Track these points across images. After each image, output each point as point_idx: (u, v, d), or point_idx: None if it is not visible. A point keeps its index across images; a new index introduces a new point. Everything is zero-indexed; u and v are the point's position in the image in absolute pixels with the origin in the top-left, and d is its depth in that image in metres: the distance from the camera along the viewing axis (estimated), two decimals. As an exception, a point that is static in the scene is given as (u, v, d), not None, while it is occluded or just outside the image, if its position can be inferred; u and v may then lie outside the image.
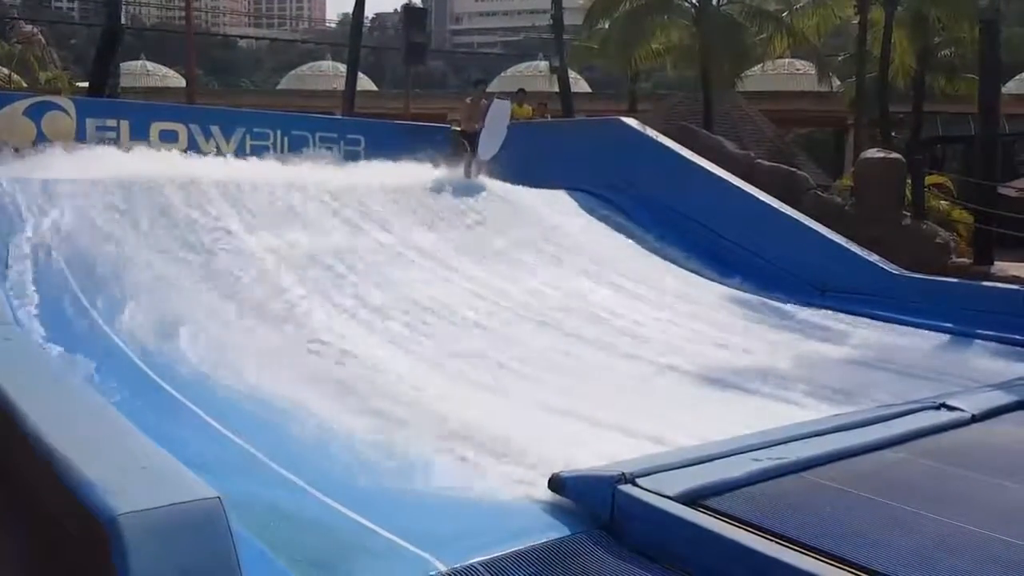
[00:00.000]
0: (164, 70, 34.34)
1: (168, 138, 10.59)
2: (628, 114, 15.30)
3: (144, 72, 33.36)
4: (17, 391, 2.79)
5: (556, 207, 10.39)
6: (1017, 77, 27.24)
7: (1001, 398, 4.97)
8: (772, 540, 2.84)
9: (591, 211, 10.59)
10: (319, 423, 4.22)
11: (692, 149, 11.21)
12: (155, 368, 4.77)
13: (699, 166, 10.69)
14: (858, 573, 2.64)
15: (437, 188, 9.63)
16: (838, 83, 22.13)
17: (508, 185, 10.51)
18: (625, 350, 6.34)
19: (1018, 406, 4.92)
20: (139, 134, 10.34)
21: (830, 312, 8.16)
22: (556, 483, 3.34)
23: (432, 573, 2.74)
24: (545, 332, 6.61)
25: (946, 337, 7.41)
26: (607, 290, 8.03)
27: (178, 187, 7.72)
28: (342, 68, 25.17)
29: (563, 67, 20.60)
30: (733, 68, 18.47)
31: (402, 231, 8.40)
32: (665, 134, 11.62)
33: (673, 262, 9.43)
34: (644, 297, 8.02)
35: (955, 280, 8.92)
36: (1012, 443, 4.26)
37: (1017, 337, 7.20)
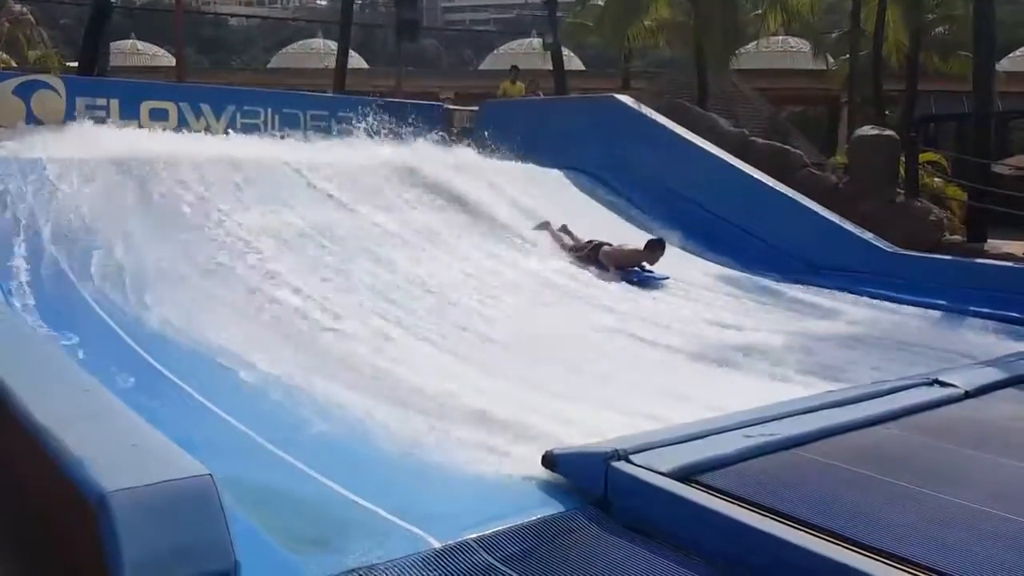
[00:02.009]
0: (154, 49, 34.10)
1: (158, 116, 10.52)
2: (622, 92, 15.22)
3: (134, 51, 33.15)
4: (4, 369, 2.77)
5: (549, 185, 10.34)
6: (1011, 55, 27.22)
7: (994, 374, 4.99)
8: (764, 515, 2.85)
9: (584, 189, 10.56)
10: (311, 401, 4.20)
11: (686, 126, 11.17)
12: (143, 345, 4.74)
13: (693, 144, 10.66)
14: (851, 547, 2.65)
15: (427, 165, 9.56)
16: (832, 61, 22.09)
17: (500, 162, 10.46)
18: (617, 328, 6.34)
19: (1011, 382, 4.93)
20: (129, 113, 10.26)
21: (823, 289, 8.17)
22: (549, 460, 3.35)
23: (425, 549, 2.74)
24: (538, 311, 6.60)
25: (939, 314, 7.42)
26: (598, 268, 8.03)
27: (166, 164, 7.65)
28: (333, 46, 25.04)
29: (556, 44, 20.48)
30: (727, 45, 18.39)
31: (393, 209, 8.36)
32: (659, 112, 11.57)
33: (666, 240, 9.41)
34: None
35: (948, 257, 8.94)
36: (1005, 419, 4.27)
37: (1010, 314, 7.22)
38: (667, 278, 7.92)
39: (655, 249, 8.08)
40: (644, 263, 8.04)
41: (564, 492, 3.24)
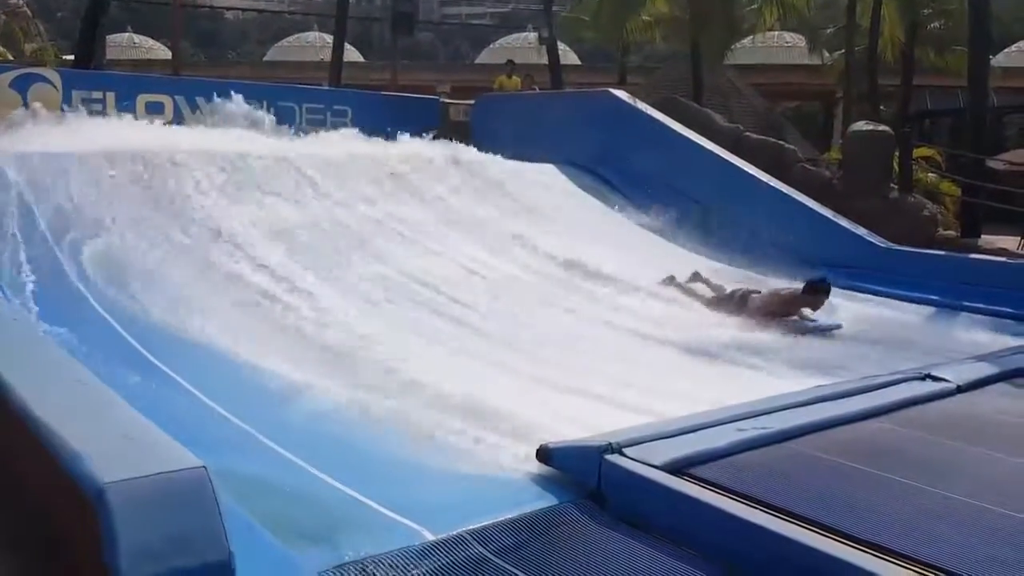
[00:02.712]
0: (150, 42, 34.00)
1: (154, 110, 10.51)
2: (618, 87, 15.22)
3: (131, 44, 33.05)
4: (1, 362, 2.78)
5: (545, 180, 10.35)
6: (1006, 50, 27.25)
7: (986, 369, 5.02)
8: (757, 508, 2.87)
9: (579, 184, 10.56)
10: (305, 394, 4.22)
11: (681, 122, 11.17)
12: (139, 338, 4.75)
13: (688, 139, 10.66)
14: (842, 540, 2.67)
15: (425, 159, 9.56)
16: (828, 56, 22.09)
17: (497, 158, 10.46)
18: (612, 322, 6.37)
19: (1003, 377, 4.97)
20: (125, 106, 10.24)
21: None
22: (544, 454, 3.37)
23: (420, 542, 2.76)
24: (532, 305, 6.61)
25: (932, 309, 7.46)
26: (593, 262, 8.03)
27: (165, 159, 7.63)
28: (329, 39, 24.94)
29: (552, 39, 20.47)
30: (723, 40, 18.38)
31: (388, 203, 8.36)
32: (654, 107, 11.57)
33: (660, 235, 9.44)
34: (629, 269, 8.04)
35: (942, 253, 8.96)
36: (997, 414, 4.30)
37: (1003, 309, 7.26)
38: (839, 326, 6.68)
39: (818, 292, 6.73)
40: (804, 309, 6.76)
41: (558, 485, 3.27)
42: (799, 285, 6.94)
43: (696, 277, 7.48)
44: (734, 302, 6.90)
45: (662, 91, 16.50)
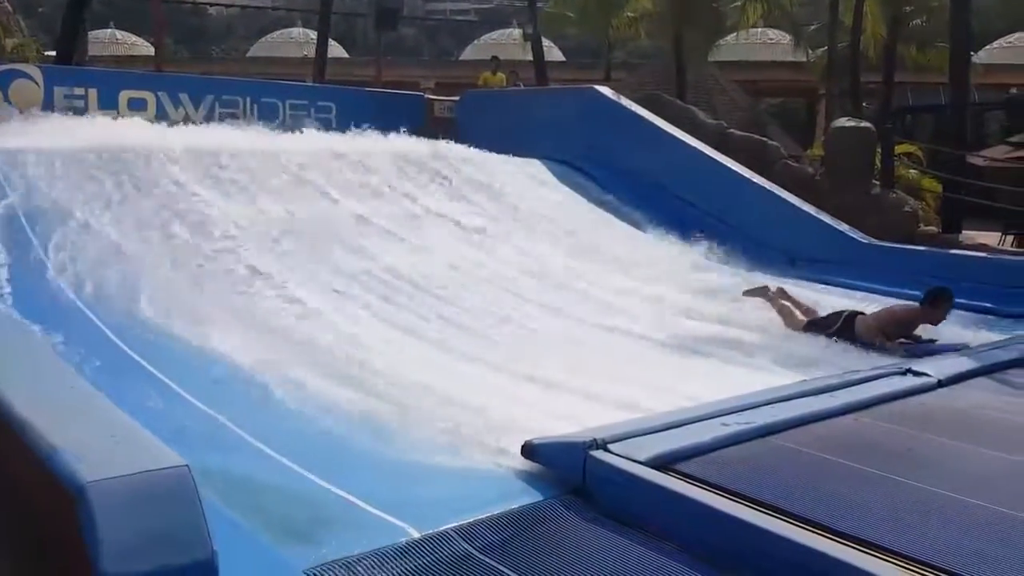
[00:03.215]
0: (133, 38, 33.75)
1: (137, 106, 10.43)
2: (602, 83, 15.23)
3: (113, 40, 32.80)
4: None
5: (529, 176, 10.35)
6: (987, 47, 27.45)
7: (966, 364, 5.07)
8: (740, 503, 2.89)
9: (564, 180, 10.57)
10: (290, 392, 4.20)
11: (665, 118, 11.21)
12: (123, 337, 4.72)
13: (672, 136, 10.70)
14: (824, 533, 2.70)
15: (408, 156, 9.54)
16: (811, 53, 22.20)
17: (482, 153, 10.45)
18: (596, 318, 6.38)
19: (983, 371, 5.02)
20: (108, 102, 10.17)
21: (800, 280, 8.24)
22: (529, 450, 3.38)
23: (405, 539, 2.76)
24: (517, 301, 6.62)
25: (914, 304, 7.50)
26: (577, 258, 8.06)
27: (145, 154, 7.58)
28: (313, 35, 24.88)
29: (536, 35, 20.47)
30: (707, 37, 18.45)
31: (372, 199, 8.34)
32: (638, 103, 11.59)
33: (645, 231, 9.46)
34: (615, 265, 8.06)
35: (923, 248, 9.04)
36: (977, 408, 4.35)
37: (983, 304, 7.33)
38: (965, 346, 5.91)
39: (938, 303, 6.08)
40: (924, 326, 6.21)
41: (543, 481, 3.28)
42: (907, 301, 6.43)
43: (782, 294, 6.94)
44: (840, 324, 6.26)
45: (646, 88, 16.55)
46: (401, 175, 9.07)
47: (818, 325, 6.37)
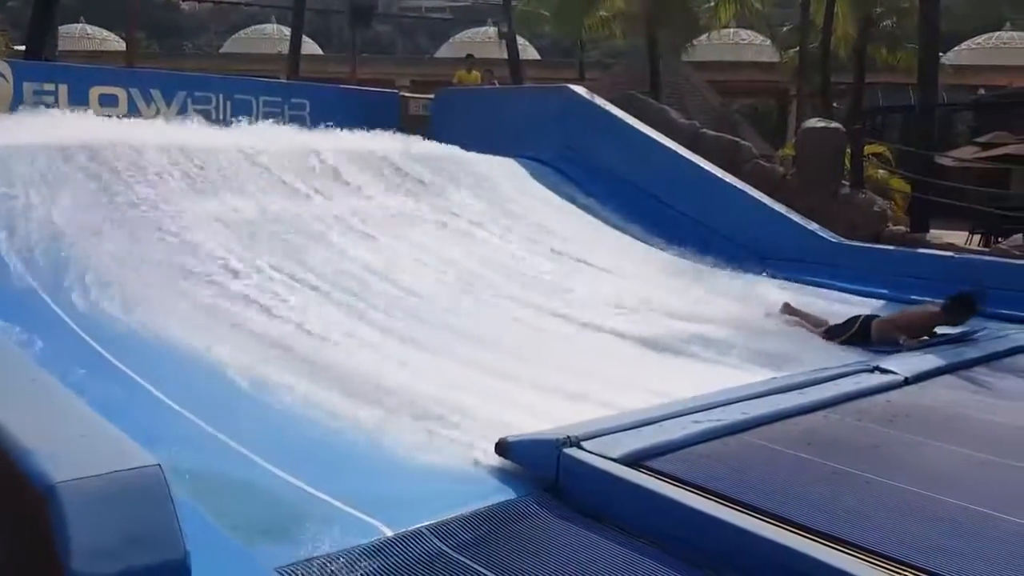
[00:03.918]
0: (104, 33, 33.38)
1: (108, 102, 10.32)
2: (576, 82, 15.28)
3: (83, 35, 32.43)
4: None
5: (504, 174, 10.36)
6: (956, 48, 27.87)
7: (933, 361, 5.16)
8: (711, 499, 2.93)
9: (538, 178, 10.59)
10: (262, 390, 4.19)
11: (638, 118, 11.26)
12: (92, 335, 4.67)
13: (645, 135, 10.76)
14: (795, 530, 2.74)
15: (383, 154, 9.51)
16: (783, 53, 22.41)
17: (457, 151, 10.45)
18: (570, 316, 6.40)
19: (949, 369, 5.11)
20: (78, 98, 10.04)
21: (770, 279, 8.32)
22: (503, 447, 3.39)
23: (378, 537, 2.76)
24: (491, 299, 6.63)
25: (882, 303, 7.61)
26: (551, 256, 8.08)
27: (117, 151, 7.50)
28: (286, 31, 24.74)
29: (511, 33, 20.48)
30: (679, 36, 18.56)
31: (347, 197, 8.31)
32: (612, 102, 11.64)
33: (618, 229, 9.51)
34: (588, 263, 8.10)
35: (891, 247, 9.16)
36: (942, 405, 4.43)
37: (950, 303, 7.43)
38: (975, 331, 6.22)
39: (962, 310, 6.12)
40: (938, 327, 6.28)
41: (517, 479, 3.30)
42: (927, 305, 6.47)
43: (788, 309, 7.00)
44: (853, 331, 6.31)
45: (620, 87, 16.61)
46: (375, 173, 9.04)
47: (834, 332, 6.43)
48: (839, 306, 7.53)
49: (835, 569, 2.49)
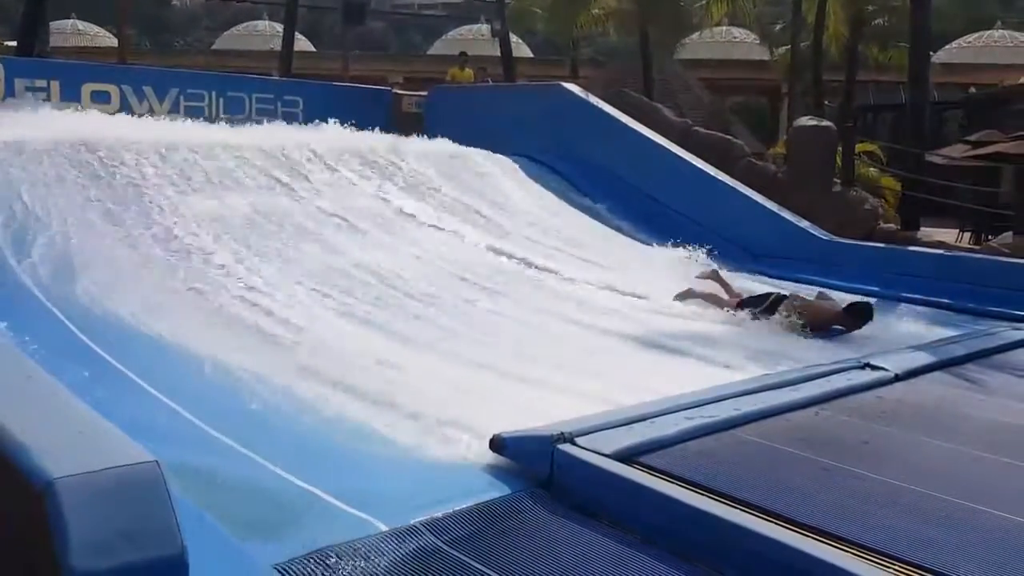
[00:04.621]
0: (95, 29, 33.19)
1: (100, 99, 10.29)
2: (569, 80, 15.30)
3: (75, 31, 32.23)
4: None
5: (497, 171, 10.38)
6: (947, 47, 27.96)
7: (923, 358, 5.19)
8: (704, 494, 2.95)
9: (531, 175, 10.61)
10: (255, 386, 4.20)
11: (631, 115, 11.30)
12: (86, 332, 4.67)
13: (638, 132, 10.79)
14: (786, 525, 2.76)
15: (377, 150, 9.52)
16: (774, 51, 22.45)
17: (450, 147, 10.46)
18: (563, 313, 6.42)
19: (939, 366, 5.14)
20: (70, 95, 10.01)
21: (762, 276, 8.36)
22: (496, 443, 3.41)
23: (373, 533, 2.78)
24: (485, 296, 6.65)
25: (872, 300, 7.65)
26: (545, 254, 8.10)
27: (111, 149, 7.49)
28: (279, 28, 24.65)
29: (504, 31, 20.47)
30: (672, 34, 18.58)
31: (339, 194, 8.31)
32: (605, 100, 11.68)
33: (610, 226, 9.54)
34: (581, 261, 8.12)
35: (882, 245, 9.21)
36: (933, 401, 4.46)
37: (940, 300, 7.49)
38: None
39: (858, 318, 6.53)
40: (840, 327, 6.55)
41: (511, 475, 3.31)
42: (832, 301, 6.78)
43: (715, 275, 7.21)
44: (764, 307, 6.59)
45: (613, 84, 16.62)
46: (367, 169, 9.05)
47: (749, 303, 6.73)
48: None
49: (826, 563, 2.51)
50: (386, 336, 5.40)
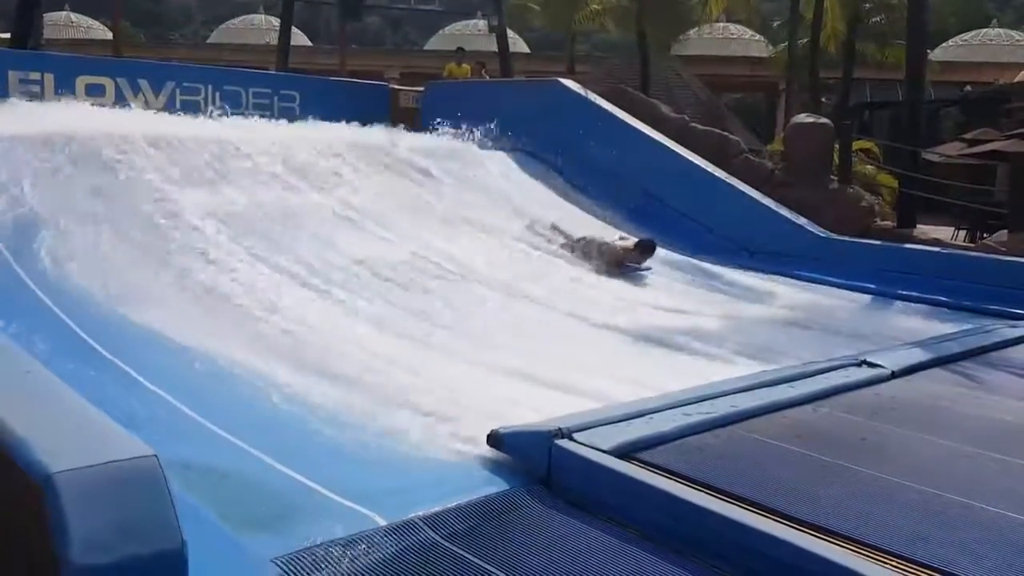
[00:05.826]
0: (89, 21, 33.04)
1: (95, 92, 10.22)
2: (567, 75, 15.26)
3: (68, 23, 32.08)
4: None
5: (495, 167, 10.37)
6: (943, 45, 27.99)
7: (919, 355, 5.20)
8: (701, 490, 2.96)
9: (529, 172, 10.61)
10: (257, 382, 4.20)
11: (628, 111, 11.29)
12: (85, 327, 4.66)
13: (635, 129, 10.79)
14: (783, 521, 2.77)
15: (374, 146, 9.51)
16: (772, 48, 22.45)
17: (448, 143, 10.44)
18: (561, 309, 6.43)
19: (935, 363, 5.15)
20: (64, 87, 9.95)
21: (759, 273, 8.38)
22: (495, 439, 3.41)
23: (371, 528, 2.78)
24: (484, 292, 6.65)
25: (869, 297, 7.68)
26: (543, 251, 8.10)
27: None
28: (275, 22, 24.61)
29: (502, 26, 20.42)
30: (669, 30, 18.56)
31: (338, 190, 8.30)
32: (602, 96, 11.66)
33: (608, 223, 9.54)
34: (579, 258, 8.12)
35: (878, 242, 9.23)
36: (928, 398, 4.47)
37: (936, 297, 7.51)
38: (649, 269, 8.21)
39: (645, 251, 8.22)
40: (631, 262, 8.15)
41: (509, 470, 3.31)
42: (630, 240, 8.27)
43: (554, 229, 8.62)
44: (580, 248, 8.20)
45: (610, 80, 16.61)
46: (366, 164, 9.03)
47: (571, 246, 8.26)
48: (825, 299, 7.59)
49: (823, 559, 2.52)
50: (384, 332, 5.40)
